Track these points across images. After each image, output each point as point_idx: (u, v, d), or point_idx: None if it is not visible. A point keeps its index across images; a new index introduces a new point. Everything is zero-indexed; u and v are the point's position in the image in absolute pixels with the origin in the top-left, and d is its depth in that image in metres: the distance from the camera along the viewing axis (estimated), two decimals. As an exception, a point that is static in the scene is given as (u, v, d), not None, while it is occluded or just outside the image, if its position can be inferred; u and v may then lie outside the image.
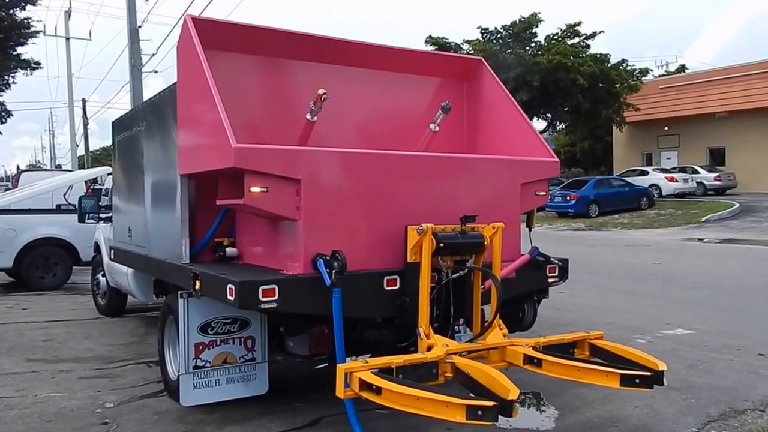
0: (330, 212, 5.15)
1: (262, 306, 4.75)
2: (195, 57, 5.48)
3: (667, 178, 37.63)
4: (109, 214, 9.68)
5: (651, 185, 36.49)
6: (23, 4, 33.57)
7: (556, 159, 6.48)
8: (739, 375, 6.77)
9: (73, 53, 46.51)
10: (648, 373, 4.65)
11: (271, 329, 5.73)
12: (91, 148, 57.42)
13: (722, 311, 10.18)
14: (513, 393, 3.93)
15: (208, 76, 5.26)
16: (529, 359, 4.95)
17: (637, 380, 4.60)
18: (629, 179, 36.47)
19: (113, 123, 9.00)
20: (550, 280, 6.30)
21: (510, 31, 40.40)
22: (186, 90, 5.83)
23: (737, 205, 31.03)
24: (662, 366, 4.69)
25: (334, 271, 4.80)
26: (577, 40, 40.58)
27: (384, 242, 5.33)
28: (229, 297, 4.81)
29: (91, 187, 16.25)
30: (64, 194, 14.90)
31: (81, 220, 10.36)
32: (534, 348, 5.04)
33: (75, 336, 9.07)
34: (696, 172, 39.19)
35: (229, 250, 6.00)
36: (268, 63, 6.49)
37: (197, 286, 5.33)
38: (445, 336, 5.15)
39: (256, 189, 4.87)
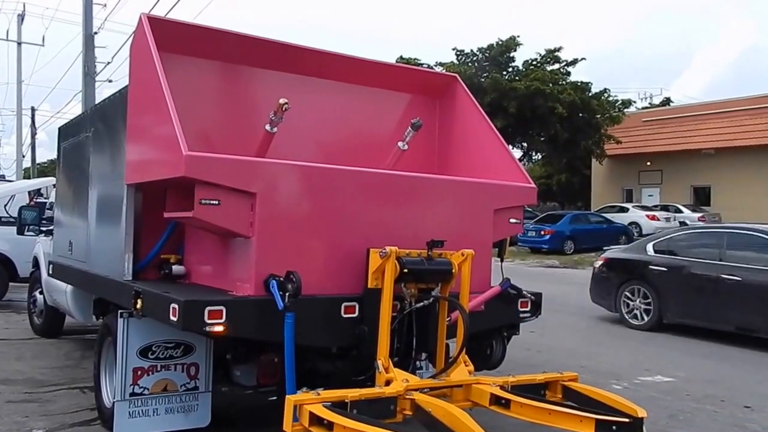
0: (286, 230, 5.02)
1: (208, 329, 4.60)
2: (148, 58, 5.35)
3: (648, 216, 37.63)
4: (51, 227, 9.45)
5: (631, 223, 36.50)
6: (-27, 5, 33.21)
7: (533, 185, 6.40)
8: (723, 428, 6.66)
9: (24, 59, 46.02)
10: (626, 420, 4.53)
11: (218, 356, 5.55)
12: (39, 159, 56.78)
13: (705, 357, 10.13)
14: (478, 435, 3.80)
15: (161, 78, 5.12)
16: (496, 399, 4.82)
17: (614, 427, 4.47)
18: (608, 215, 36.57)
19: (59, 129, 8.85)
20: (522, 315, 6.18)
21: (486, 54, 40.39)
22: (137, 92, 5.69)
23: (720, 247, 30.98)
24: (642, 413, 4.57)
25: (287, 294, 4.67)
26: (557, 66, 40.83)
27: (343, 265, 5.21)
28: (172, 318, 4.64)
29: (35, 199, 15.86)
30: (5, 205, 14.57)
31: (20, 231, 10.11)
32: (502, 387, 4.91)
33: (6, 357, 8.81)
34: (679, 211, 39.24)
35: (176, 268, 5.84)
36: (228, 69, 6.38)
37: (138, 305, 5.15)
38: (405, 370, 5.01)
39: (206, 201, 4.74)
